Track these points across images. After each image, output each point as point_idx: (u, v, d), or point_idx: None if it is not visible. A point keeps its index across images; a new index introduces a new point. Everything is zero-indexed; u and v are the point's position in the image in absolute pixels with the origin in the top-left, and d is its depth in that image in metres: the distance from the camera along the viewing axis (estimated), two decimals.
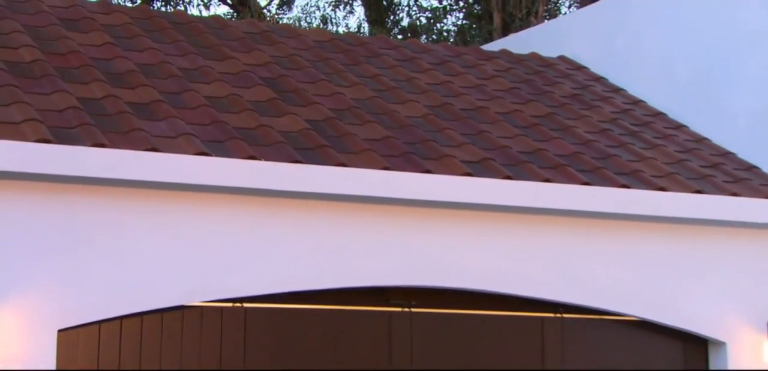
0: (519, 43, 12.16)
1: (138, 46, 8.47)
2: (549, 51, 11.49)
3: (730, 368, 8.44)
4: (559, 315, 8.13)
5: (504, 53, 11.15)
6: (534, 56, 11.15)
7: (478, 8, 17.92)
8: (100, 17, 8.89)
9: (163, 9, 17.35)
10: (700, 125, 9.82)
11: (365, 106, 8.41)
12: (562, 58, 11.31)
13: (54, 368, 6.43)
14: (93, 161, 6.39)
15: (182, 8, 17.55)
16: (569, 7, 17.59)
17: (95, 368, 6.85)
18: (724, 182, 8.58)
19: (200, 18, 10.51)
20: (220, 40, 9.23)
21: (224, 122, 7.28)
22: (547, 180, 7.76)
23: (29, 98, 6.81)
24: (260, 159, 6.87)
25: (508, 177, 7.62)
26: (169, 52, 8.55)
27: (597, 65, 11.20)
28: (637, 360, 8.41)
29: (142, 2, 16.71)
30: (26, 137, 6.28)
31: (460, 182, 7.43)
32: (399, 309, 7.77)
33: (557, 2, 17.50)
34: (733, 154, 9.31)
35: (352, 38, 10.99)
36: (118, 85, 7.51)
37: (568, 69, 11.01)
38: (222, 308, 7.14)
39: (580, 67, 11.15)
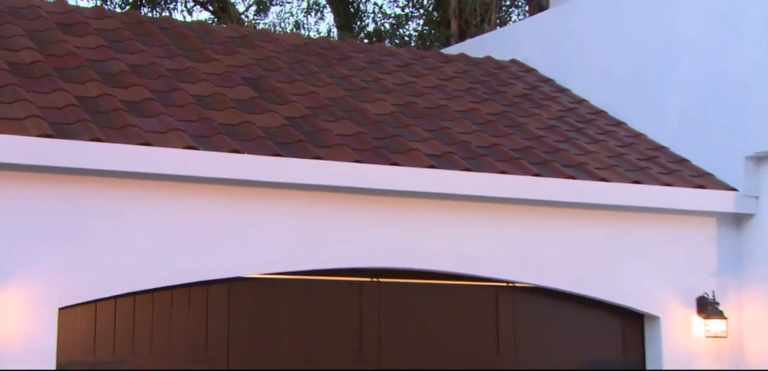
0: (475, 47, 12.05)
1: (129, 49, 8.35)
2: (502, 55, 11.39)
3: (663, 340, 8.44)
4: (511, 284, 8.08)
5: (462, 57, 11.12)
6: (489, 60, 11.09)
7: (436, 15, 17.72)
8: (93, 22, 8.75)
9: (150, 15, 17.19)
10: (636, 122, 9.76)
11: (338, 104, 8.37)
12: (513, 61, 11.25)
13: (55, 343, 6.33)
14: (90, 155, 6.39)
15: (167, 14, 17.38)
16: (518, 15, 17.61)
17: (92, 343, 6.77)
18: (659, 173, 8.59)
19: (185, 23, 10.34)
20: (204, 43, 9.10)
21: (210, 118, 7.26)
22: (503, 172, 7.76)
23: (31, 96, 6.75)
24: (243, 153, 6.84)
25: (468, 169, 7.62)
26: (158, 54, 8.43)
27: (545, 68, 11.11)
28: (581, 331, 8.45)
29: (130, 8, 16.56)
30: (29, 132, 6.26)
31: (425, 173, 7.42)
32: (368, 279, 7.69)
33: (508, 11, 17.52)
34: (666, 148, 9.26)
35: (324, 42, 10.87)
36: (112, 84, 7.43)
37: (519, 71, 10.96)
38: (208, 288, 7.05)
39: (530, 70, 11.10)
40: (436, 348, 7.87)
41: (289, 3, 18.92)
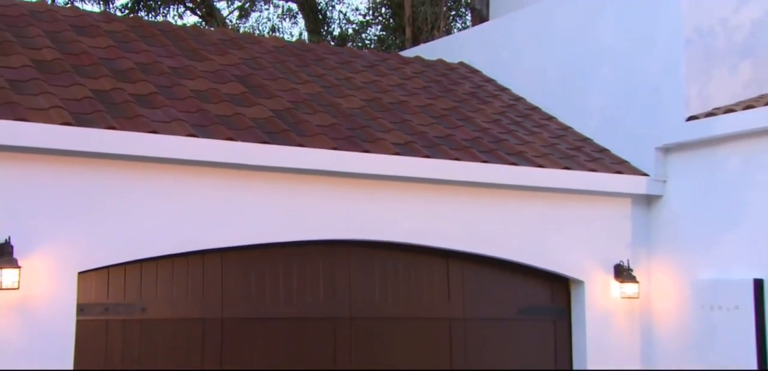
0: (428, 51, 11.96)
1: (135, 48, 8.23)
2: (451, 58, 11.36)
3: (586, 300, 8.49)
4: (460, 250, 8.06)
5: (417, 59, 11.05)
6: (440, 62, 11.08)
7: (393, 22, 17.53)
8: (103, 25, 8.62)
9: (148, 18, 16.92)
10: (565, 118, 9.78)
11: (315, 99, 8.32)
12: (461, 64, 11.21)
13: (75, 301, 6.31)
14: (105, 141, 6.37)
15: (162, 18, 17.12)
16: (462, 24, 17.57)
17: (105, 302, 6.75)
18: (584, 161, 8.64)
19: (182, 27, 10.22)
20: (199, 45, 8.99)
21: (207, 110, 7.21)
22: (456, 159, 7.78)
23: (53, 89, 6.68)
24: (236, 140, 6.81)
25: (427, 156, 7.63)
26: (160, 53, 8.32)
27: (488, 70, 11.05)
28: (518, 293, 8.50)
29: (129, 12, 16.27)
30: (53, 120, 6.22)
31: (391, 159, 7.44)
32: (339, 247, 7.66)
33: (453, 20, 17.48)
34: (590, 140, 9.31)
35: (301, 45, 10.76)
36: (122, 80, 7.34)
37: (466, 73, 10.92)
38: (204, 257, 7.03)
39: (476, 71, 11.06)
40: (397, 301, 7.94)
41: (266, 9, 18.69)
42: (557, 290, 8.66)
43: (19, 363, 5.95)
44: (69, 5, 9.00)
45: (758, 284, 7.80)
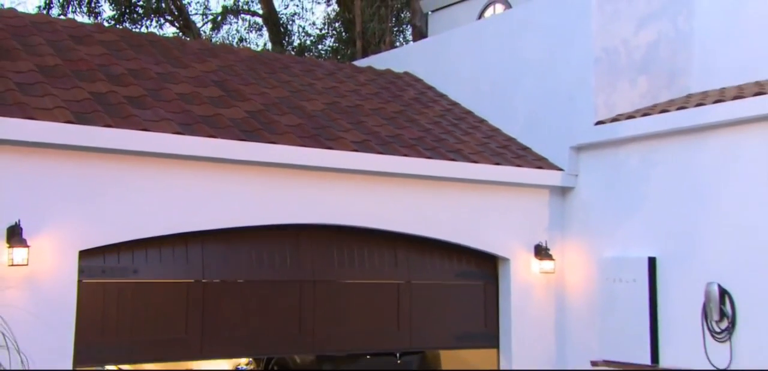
0: (378, 61, 11.85)
1: (126, 56, 8.11)
2: (398, 68, 11.31)
3: (511, 275, 8.49)
4: (407, 233, 8.02)
5: (369, 69, 11.01)
6: (389, 71, 11.05)
7: (345, 35, 17.35)
8: (96, 35, 8.46)
9: (134, 28, 16.44)
10: (494, 121, 9.70)
11: (284, 102, 8.26)
12: (406, 73, 11.19)
13: (76, 276, 6.25)
14: (103, 137, 6.38)
15: (144, 30, 16.70)
16: (405, 38, 17.53)
17: (102, 280, 6.62)
18: (511, 157, 8.63)
19: (167, 38, 10.03)
20: (181, 54, 8.87)
21: (190, 111, 7.19)
22: (405, 155, 7.77)
23: (56, 92, 6.61)
24: (216, 138, 6.82)
25: (380, 153, 7.63)
26: (148, 61, 8.21)
27: (429, 79, 10.99)
28: (454, 267, 8.47)
29: (116, 22, 15.86)
30: (57, 119, 6.20)
31: (350, 155, 7.43)
32: (305, 230, 7.53)
33: (397, 35, 17.41)
34: (515, 139, 9.28)
35: (269, 55, 10.65)
36: (116, 84, 7.27)
37: (411, 81, 10.90)
38: (187, 237, 6.94)
39: (418, 80, 11.02)
40: (353, 270, 7.91)
41: (235, 22, 18.37)
42: (488, 265, 8.65)
43: (29, 326, 5.90)
44: (64, 17, 8.72)
45: (652, 261, 7.94)
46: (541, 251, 8.57)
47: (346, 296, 7.81)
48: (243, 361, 7.76)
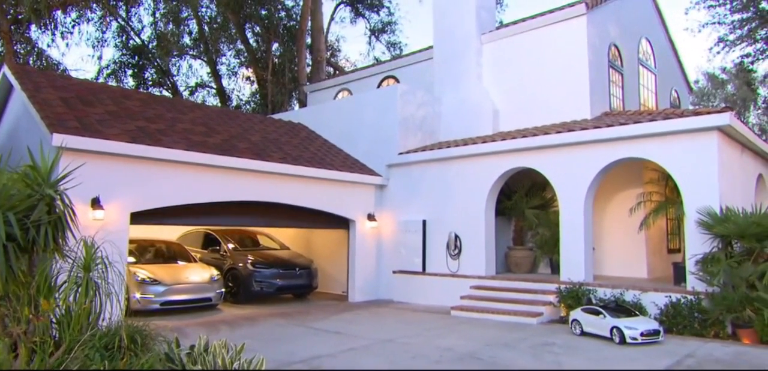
0: (284, 116, 11.79)
1: (152, 107, 8.13)
2: (295, 120, 11.26)
3: (356, 229, 8.84)
4: (304, 206, 8.01)
5: (279, 120, 10.86)
6: (290, 122, 10.98)
7: (261, 102, 17.12)
8: (135, 95, 8.50)
9: (154, 93, 15.34)
10: (348, 150, 9.93)
11: (239, 136, 8.45)
12: (300, 124, 11.10)
13: (128, 226, 6.25)
14: (145, 150, 6.45)
15: (144, 88, 15.78)
16: (295, 103, 17.44)
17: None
18: (356, 169, 8.95)
19: (170, 98, 9.87)
20: (182, 107, 8.79)
21: (190, 138, 7.45)
22: (305, 165, 8.19)
23: (117, 124, 6.63)
24: (205, 152, 7.03)
25: (293, 163, 8.05)
26: (164, 110, 8.25)
27: (312, 127, 11.01)
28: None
29: (144, 88, 15.54)
30: (119, 139, 6.39)
31: (277, 165, 7.84)
32: (250, 205, 7.48)
33: (290, 102, 17.62)
34: (358, 160, 9.56)
35: (230, 111, 10.50)
36: (149, 121, 7.40)
37: (302, 128, 10.79)
38: (190, 207, 6.92)
39: (306, 128, 10.94)
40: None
41: (203, 91, 18.13)
42: (345, 224, 9.03)
43: (104, 252, 5.94)
44: (115, 84, 8.44)
45: (424, 222, 8.90)
46: (371, 217, 9.20)
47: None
48: (214, 272, 8.24)
